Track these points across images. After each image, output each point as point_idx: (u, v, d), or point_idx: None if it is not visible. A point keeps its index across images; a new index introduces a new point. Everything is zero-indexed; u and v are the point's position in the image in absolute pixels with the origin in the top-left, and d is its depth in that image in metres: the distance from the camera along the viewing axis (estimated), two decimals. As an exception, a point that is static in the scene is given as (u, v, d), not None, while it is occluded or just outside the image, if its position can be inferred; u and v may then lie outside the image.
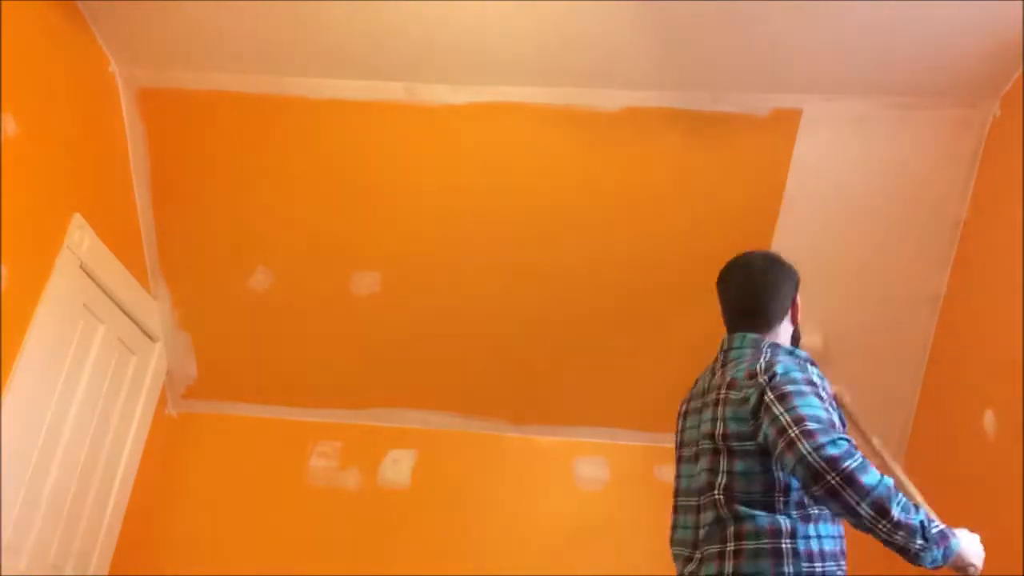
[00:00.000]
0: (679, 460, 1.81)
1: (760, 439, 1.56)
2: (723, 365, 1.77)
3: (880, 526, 1.42)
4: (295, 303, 3.01)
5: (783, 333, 1.83)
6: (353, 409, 3.20)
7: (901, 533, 1.42)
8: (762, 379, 1.59)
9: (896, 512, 1.41)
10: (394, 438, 3.18)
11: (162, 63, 2.63)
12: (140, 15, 2.46)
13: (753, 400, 1.59)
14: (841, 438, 1.46)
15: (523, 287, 2.90)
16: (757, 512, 1.55)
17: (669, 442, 3.08)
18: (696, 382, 1.88)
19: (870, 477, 1.42)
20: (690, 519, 1.69)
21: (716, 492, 1.61)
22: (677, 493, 1.79)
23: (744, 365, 1.67)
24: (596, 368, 3.02)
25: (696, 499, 1.68)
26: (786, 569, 1.51)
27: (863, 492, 1.41)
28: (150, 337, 3.04)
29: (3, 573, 2.29)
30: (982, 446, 2.43)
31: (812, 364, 1.70)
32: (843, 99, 2.50)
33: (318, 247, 2.92)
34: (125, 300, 2.81)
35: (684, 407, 1.87)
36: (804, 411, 1.50)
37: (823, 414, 1.51)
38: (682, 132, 2.61)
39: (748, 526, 1.55)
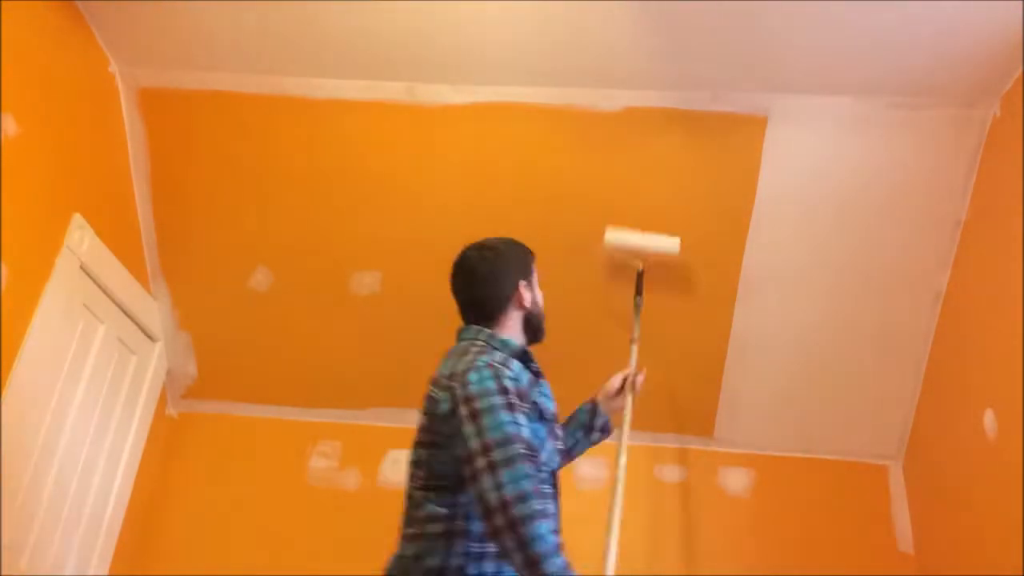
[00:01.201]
0: None
1: (455, 450, 1.62)
2: (446, 356, 1.85)
3: (524, 573, 1.46)
4: (295, 303, 3.02)
5: (512, 321, 1.92)
6: (353, 409, 3.20)
7: None
8: (457, 388, 1.66)
9: (543, 568, 1.44)
10: (394, 438, 3.17)
11: (162, 63, 2.63)
12: (140, 15, 2.46)
13: (445, 408, 1.68)
14: (524, 476, 1.50)
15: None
16: (432, 497, 1.67)
17: (669, 442, 3.12)
18: None
19: (535, 529, 1.46)
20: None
21: (418, 478, 1.74)
22: None
23: (452, 361, 1.76)
24: (596, 368, 3.01)
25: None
26: (457, 549, 1.63)
27: (522, 542, 1.45)
28: (150, 337, 3.04)
29: (3, 573, 2.29)
30: (982, 446, 2.43)
31: (515, 358, 1.78)
32: (842, 99, 2.50)
33: (318, 247, 2.92)
34: (125, 300, 2.81)
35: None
36: (492, 436, 1.55)
37: (511, 431, 1.57)
38: (682, 132, 2.61)
39: (425, 511, 1.68)
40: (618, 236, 2.68)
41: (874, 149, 2.57)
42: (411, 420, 3.11)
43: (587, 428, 2.25)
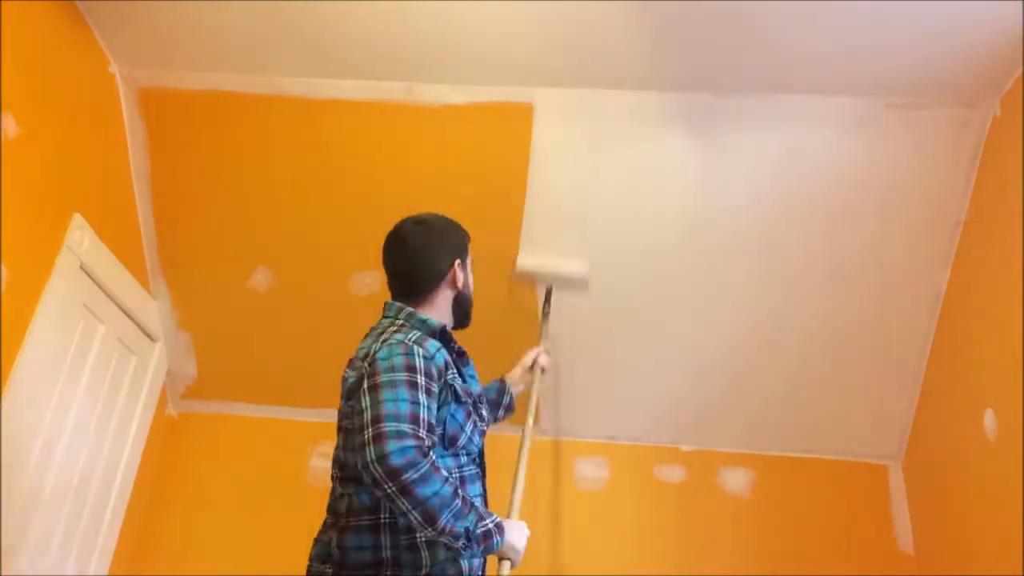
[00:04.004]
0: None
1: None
2: (367, 335, 1.81)
3: (427, 531, 1.53)
4: (295, 303, 3.02)
5: (441, 300, 1.88)
6: (353, 409, 3.20)
7: (446, 537, 1.54)
8: (365, 365, 1.64)
9: (443, 521, 1.52)
10: (394, 438, 3.18)
11: (162, 63, 2.63)
12: (140, 15, 2.46)
13: (352, 383, 1.67)
14: (409, 446, 1.50)
15: (522, 286, 2.90)
16: (362, 490, 1.64)
17: (669, 442, 3.12)
18: None
19: (426, 488, 1.50)
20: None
21: (335, 468, 1.75)
22: None
23: (369, 342, 1.73)
24: (596, 367, 3.02)
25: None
26: (383, 541, 1.62)
27: (415, 502, 1.49)
28: (150, 337, 3.04)
29: (3, 573, 2.29)
30: (982, 446, 2.43)
31: (433, 338, 1.73)
32: (843, 99, 2.50)
33: (318, 247, 2.92)
34: (125, 300, 2.81)
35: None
36: (386, 408, 1.54)
37: (405, 409, 1.55)
38: (681, 132, 2.61)
39: (355, 503, 1.66)
40: (531, 262, 2.78)
41: (874, 149, 2.57)
42: (411, 420, 3.17)
43: (494, 404, 2.29)
